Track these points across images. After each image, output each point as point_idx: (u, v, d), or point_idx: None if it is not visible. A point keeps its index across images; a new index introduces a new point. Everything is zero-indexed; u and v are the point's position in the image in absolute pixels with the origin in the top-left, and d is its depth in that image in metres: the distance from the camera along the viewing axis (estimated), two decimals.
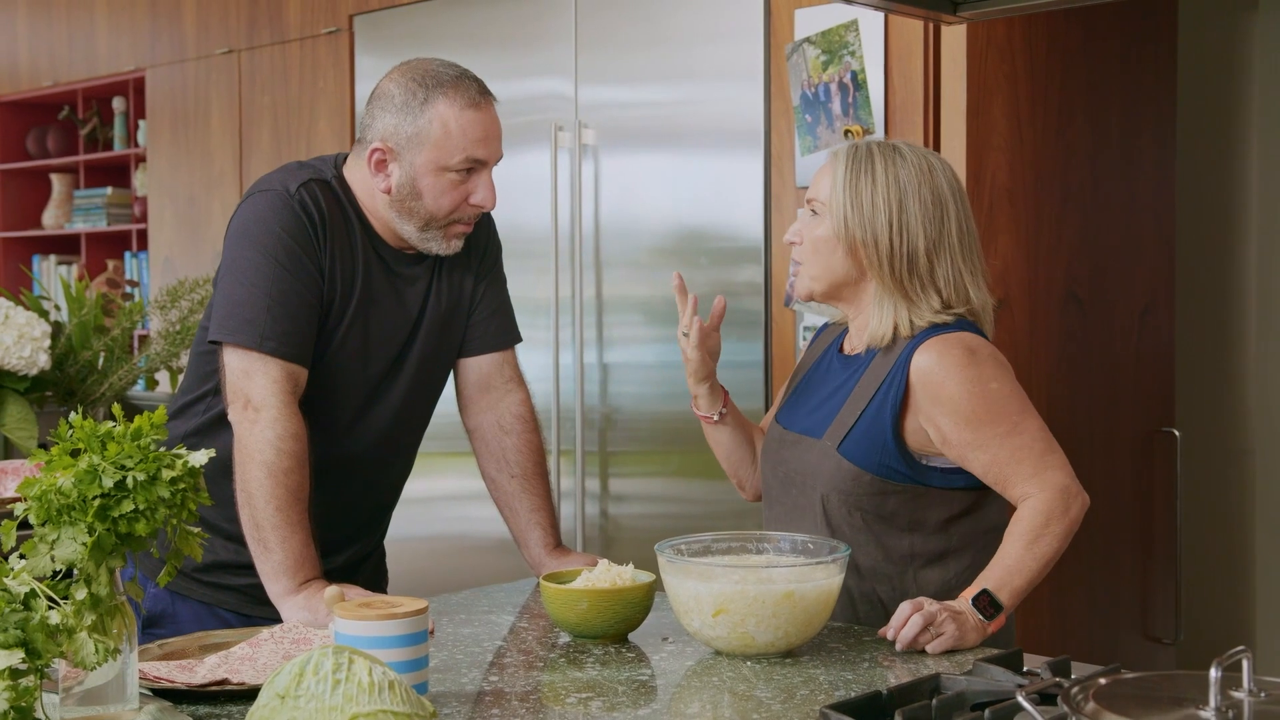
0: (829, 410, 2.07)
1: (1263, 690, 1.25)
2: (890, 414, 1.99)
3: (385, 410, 2.22)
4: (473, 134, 2.09)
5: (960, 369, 1.97)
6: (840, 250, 2.05)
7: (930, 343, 2.00)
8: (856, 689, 1.67)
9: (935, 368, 1.97)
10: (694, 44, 3.48)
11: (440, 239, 2.16)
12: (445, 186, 2.11)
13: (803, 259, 2.10)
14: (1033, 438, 1.98)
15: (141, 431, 1.50)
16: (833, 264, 2.06)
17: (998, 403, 1.97)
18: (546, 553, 2.26)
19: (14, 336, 3.04)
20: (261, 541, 1.99)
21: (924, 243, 2.02)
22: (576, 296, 3.67)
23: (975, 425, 1.96)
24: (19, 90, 5.80)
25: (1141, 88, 3.63)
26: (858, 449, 2.00)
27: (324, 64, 4.48)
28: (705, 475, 3.42)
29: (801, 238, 2.09)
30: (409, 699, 1.36)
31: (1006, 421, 1.97)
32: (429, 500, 3.89)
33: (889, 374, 2.01)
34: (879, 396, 2.01)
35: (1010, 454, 1.96)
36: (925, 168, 2.05)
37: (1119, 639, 3.61)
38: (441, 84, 2.10)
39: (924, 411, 1.99)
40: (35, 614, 1.36)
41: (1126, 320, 3.60)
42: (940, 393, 1.97)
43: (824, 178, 2.08)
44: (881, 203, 2.02)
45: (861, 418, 2.02)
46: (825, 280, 2.08)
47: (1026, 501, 1.96)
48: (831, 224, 2.05)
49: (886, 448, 1.99)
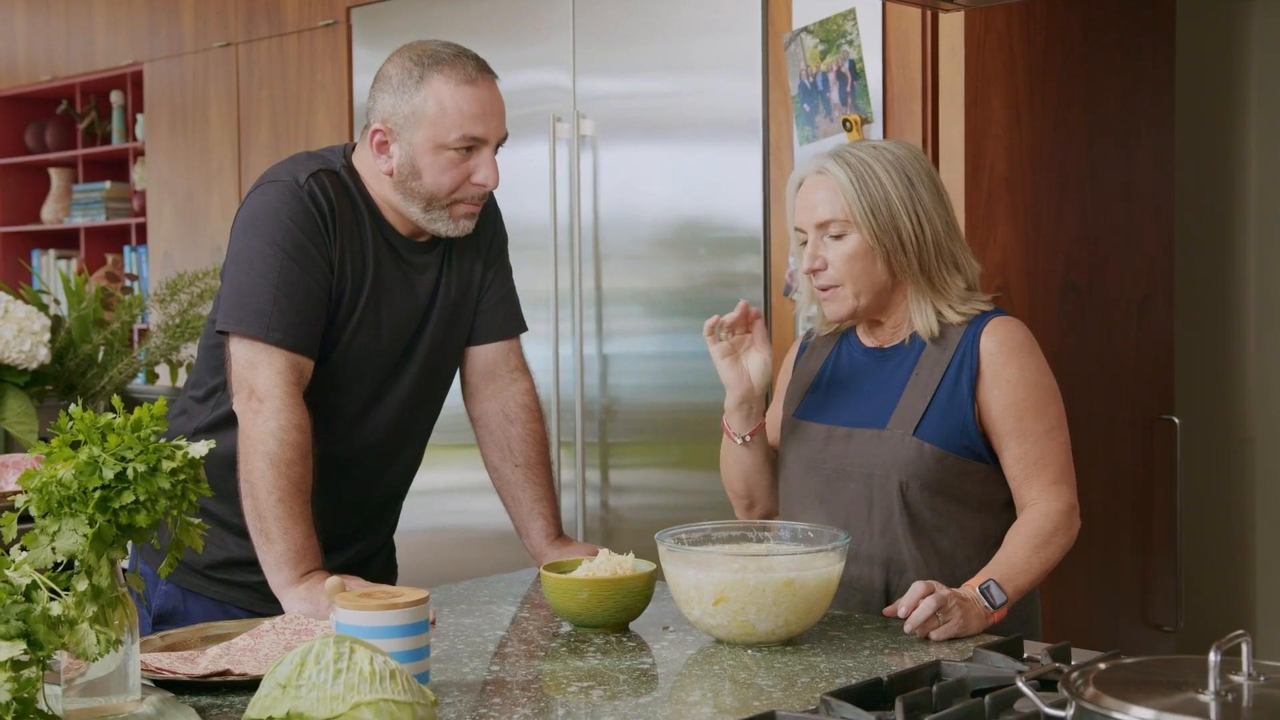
0: (883, 401, 2.08)
1: (1262, 674, 1.25)
2: (968, 394, 2.03)
3: (396, 399, 2.21)
4: (468, 109, 2.08)
5: (1023, 354, 2.05)
6: (878, 261, 2.05)
7: (995, 323, 2.05)
8: (857, 676, 1.67)
9: (1000, 349, 2.03)
10: (692, 34, 3.48)
11: (446, 219, 2.15)
12: (444, 165, 2.10)
13: (837, 280, 2.06)
14: (1061, 448, 2.05)
15: (141, 423, 1.50)
16: (875, 276, 2.06)
17: (1046, 398, 2.05)
18: (548, 543, 2.25)
19: (14, 330, 3.04)
20: (264, 532, 1.99)
21: (940, 225, 2.06)
22: (576, 288, 3.67)
23: (1020, 413, 2.02)
24: (17, 85, 5.80)
25: (1140, 77, 3.63)
26: (936, 432, 2.03)
27: (322, 57, 4.47)
28: (705, 466, 3.42)
29: (824, 263, 2.06)
30: (410, 688, 1.36)
31: (1047, 420, 2.04)
32: (431, 492, 3.88)
33: (957, 355, 2.04)
34: (950, 378, 2.04)
35: (1040, 454, 2.02)
36: (909, 156, 2.07)
37: (1119, 626, 3.62)
38: (438, 62, 2.09)
39: (984, 391, 2.03)
40: (37, 605, 1.36)
41: (1126, 309, 3.60)
42: (1001, 373, 2.03)
43: (821, 198, 2.05)
44: (897, 201, 2.03)
45: (934, 401, 2.04)
46: (870, 293, 2.07)
47: (1036, 507, 2.02)
48: (861, 239, 2.04)
49: (967, 428, 2.03)
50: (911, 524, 2.03)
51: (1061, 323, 3.36)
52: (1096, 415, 3.49)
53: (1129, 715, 1.20)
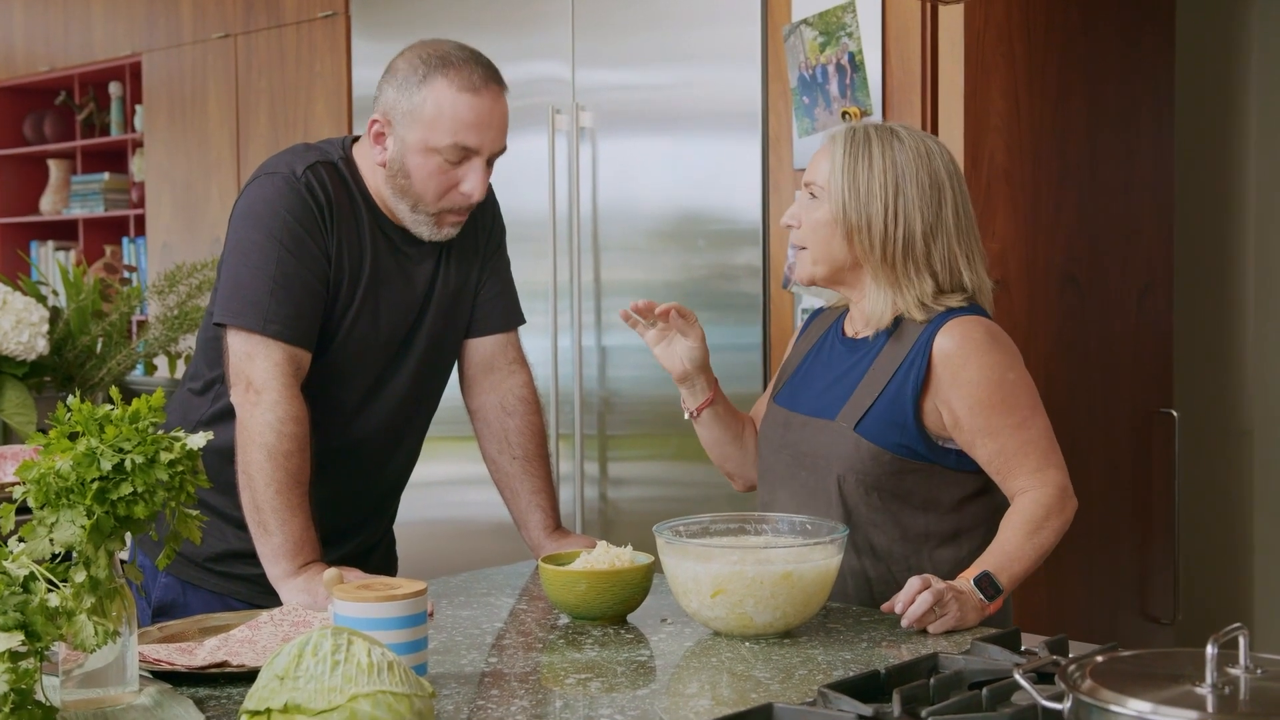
0: (840, 392, 2.07)
1: (1259, 667, 1.25)
2: (911, 394, 2.00)
3: (395, 391, 2.21)
4: (465, 117, 2.06)
5: (981, 353, 1.99)
6: (839, 235, 2.05)
7: (953, 324, 2.01)
8: (854, 669, 1.67)
9: (957, 350, 1.99)
10: (691, 26, 3.47)
11: (430, 224, 2.14)
12: (433, 170, 2.08)
13: (803, 242, 2.09)
14: (1040, 434, 2.01)
15: (140, 414, 1.50)
16: (833, 248, 2.06)
17: (1013, 392, 2.00)
18: (546, 535, 2.26)
19: (12, 321, 3.04)
20: (261, 524, 1.99)
21: (920, 226, 2.02)
22: (575, 280, 3.67)
23: (988, 412, 1.98)
24: (15, 76, 5.79)
25: (1140, 68, 3.63)
26: (876, 429, 2.01)
27: (321, 48, 4.47)
28: (703, 458, 3.39)
29: (799, 221, 2.09)
30: (408, 680, 1.36)
31: (1019, 413, 2.00)
32: (428, 484, 3.88)
33: (909, 355, 2.02)
34: (899, 377, 2.02)
35: (1018, 446, 1.99)
36: (923, 151, 2.05)
37: (1117, 619, 3.62)
38: (445, 64, 2.08)
39: (941, 393, 2.00)
40: (35, 597, 1.36)
41: (1125, 301, 3.60)
42: (959, 375, 1.99)
43: (822, 161, 2.08)
44: (878, 188, 2.02)
45: (880, 398, 2.02)
46: (826, 264, 2.08)
47: (1027, 494, 1.99)
48: (830, 209, 2.05)
49: (906, 428, 2.00)
50: (847, 517, 2.02)
51: (1060, 314, 3.36)
52: (1095, 407, 3.49)
53: (1126, 708, 1.20)
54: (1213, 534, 4.08)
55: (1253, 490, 4.08)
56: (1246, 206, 4.05)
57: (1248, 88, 4.03)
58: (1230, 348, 4.09)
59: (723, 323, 3.40)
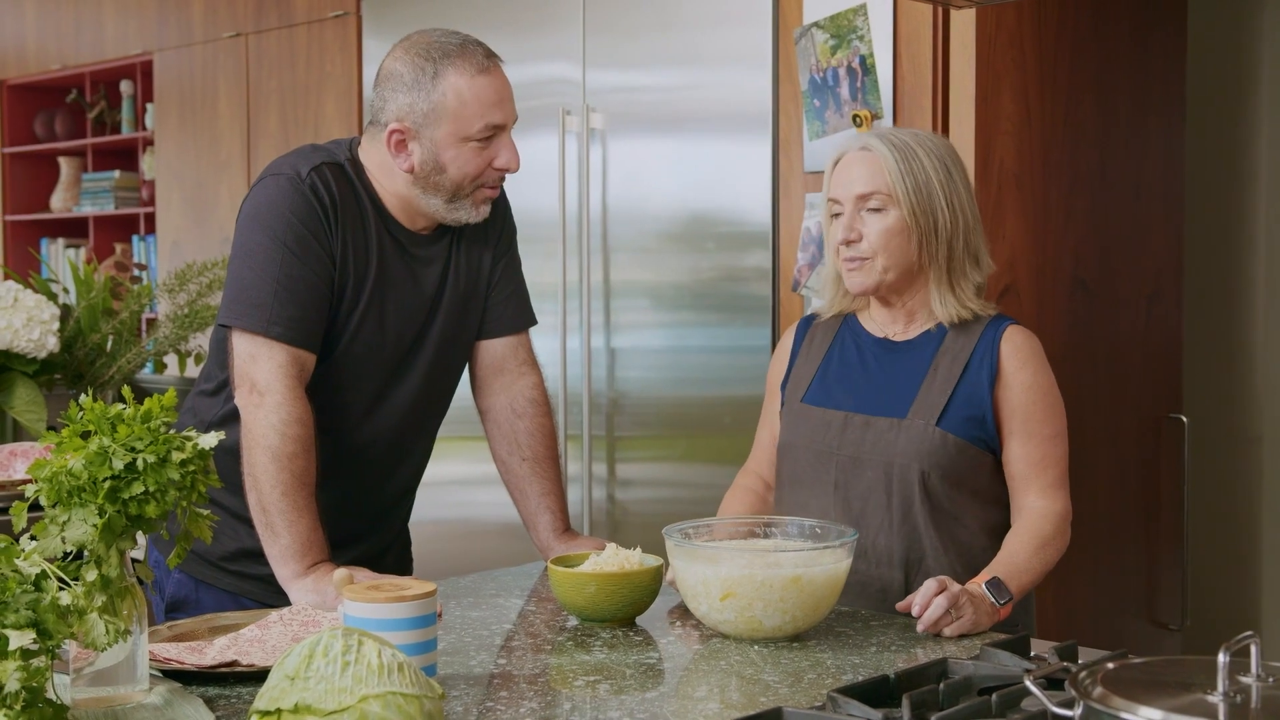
0: (902, 391, 2.12)
1: (1270, 676, 1.25)
2: (988, 388, 2.08)
3: (405, 393, 2.21)
4: (487, 99, 2.09)
5: (1038, 361, 2.11)
6: (913, 240, 2.10)
7: (1016, 329, 2.12)
8: (864, 673, 1.67)
9: (1018, 353, 2.10)
10: (702, 28, 3.47)
11: (469, 206, 2.16)
12: (469, 155, 2.10)
13: (870, 253, 2.12)
14: (1063, 455, 2.11)
15: (151, 414, 1.51)
16: (907, 254, 2.12)
17: (1055, 406, 2.11)
18: (555, 536, 2.26)
19: (23, 319, 3.05)
20: (269, 526, 1.99)
21: (971, 219, 2.13)
22: (584, 281, 3.67)
23: (1027, 416, 2.07)
24: (27, 73, 5.80)
25: (1150, 72, 3.62)
26: (957, 424, 2.07)
27: (331, 48, 4.47)
28: (713, 460, 3.42)
29: (859, 234, 2.12)
30: (418, 681, 1.36)
31: (1053, 426, 2.09)
32: (438, 484, 3.88)
33: (977, 351, 2.10)
34: (971, 373, 2.09)
35: (1041, 457, 2.07)
36: (946, 147, 2.15)
37: (1125, 625, 3.61)
38: (448, 55, 2.09)
39: (1000, 390, 2.08)
40: (46, 595, 1.36)
41: (1134, 305, 3.59)
42: (1017, 376, 2.08)
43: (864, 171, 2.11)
44: (937, 186, 2.10)
45: (956, 394, 2.08)
46: (899, 269, 2.12)
47: (1035, 509, 2.06)
48: (898, 215, 2.09)
49: (985, 422, 2.08)
50: (932, 513, 2.06)
51: (1069, 319, 3.36)
52: (1104, 413, 3.49)
53: (1137, 715, 1.20)
54: (1222, 540, 4.08)
55: (1261, 496, 4.07)
56: (1257, 211, 4.05)
57: (1259, 93, 4.02)
58: (1240, 353, 4.08)
59: (731, 324, 3.40)
